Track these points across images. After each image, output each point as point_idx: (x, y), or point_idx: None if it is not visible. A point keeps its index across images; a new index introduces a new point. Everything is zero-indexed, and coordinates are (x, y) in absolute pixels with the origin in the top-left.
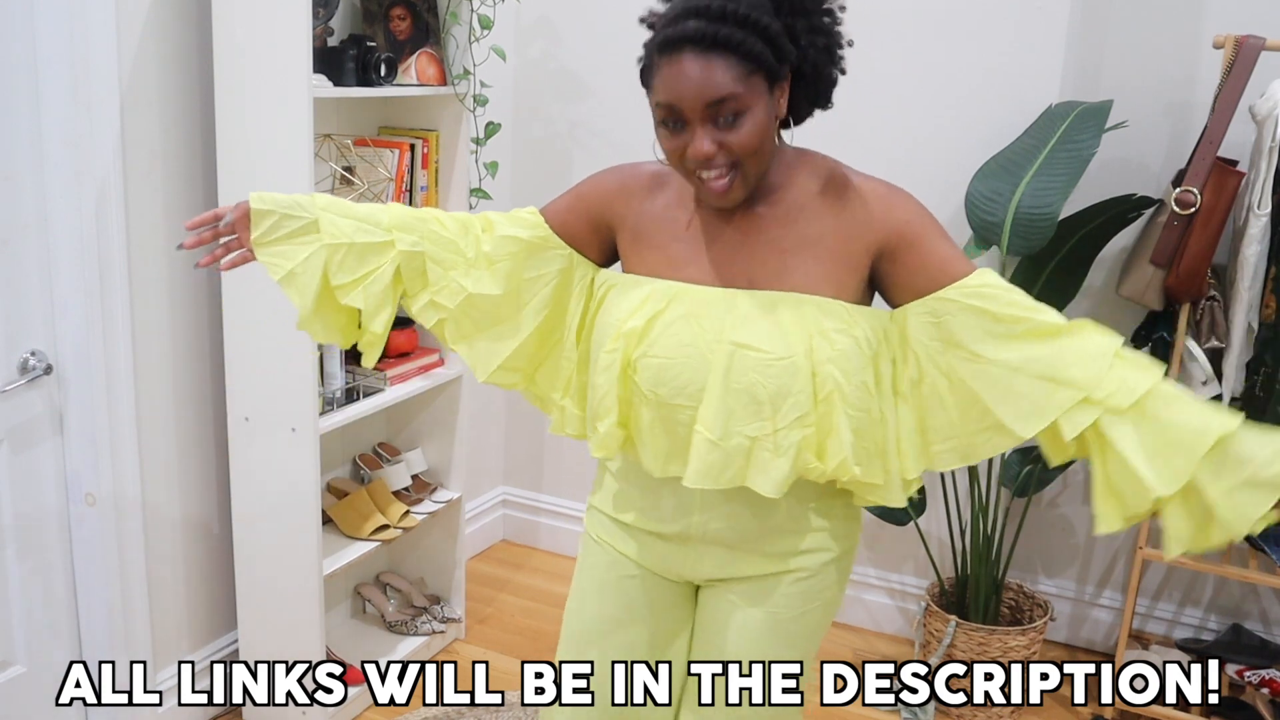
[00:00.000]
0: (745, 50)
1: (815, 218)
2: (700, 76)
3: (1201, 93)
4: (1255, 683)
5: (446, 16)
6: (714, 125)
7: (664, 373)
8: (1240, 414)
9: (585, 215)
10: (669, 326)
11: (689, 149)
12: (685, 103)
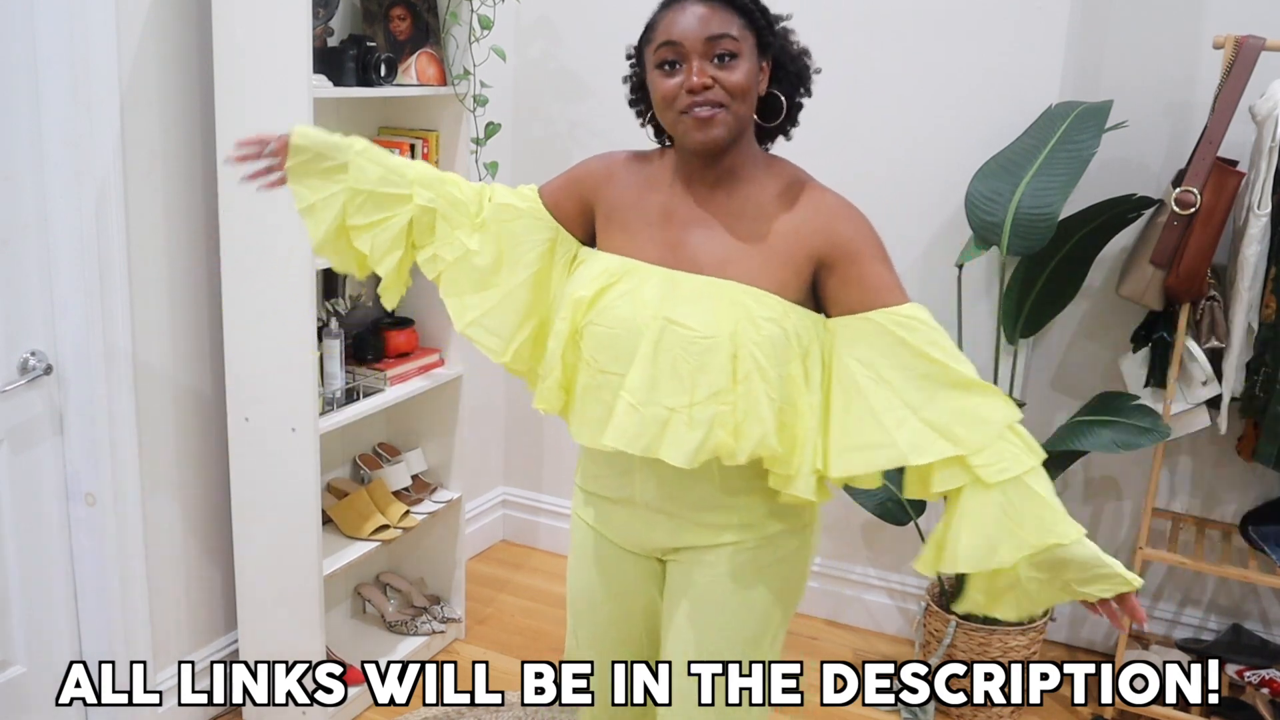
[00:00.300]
0: (742, 7)
1: (768, 217)
2: (705, 14)
3: (1201, 93)
4: (1255, 683)
5: (446, 17)
6: (710, 62)
7: (603, 341)
8: (1081, 529)
9: (575, 196)
10: (615, 300)
11: (687, 81)
12: (688, 36)
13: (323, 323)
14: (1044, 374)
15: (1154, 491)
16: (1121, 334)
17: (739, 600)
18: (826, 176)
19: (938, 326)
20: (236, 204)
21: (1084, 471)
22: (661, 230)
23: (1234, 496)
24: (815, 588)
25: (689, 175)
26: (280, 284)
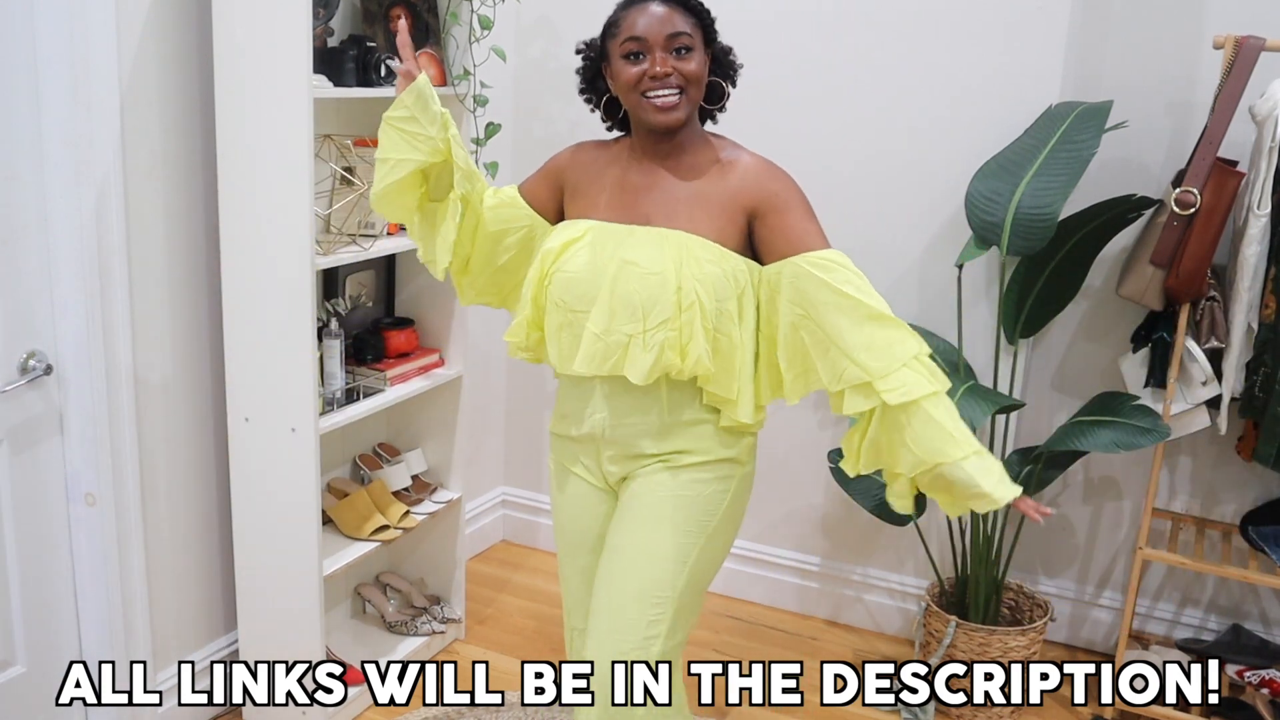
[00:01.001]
0: (694, 9)
1: (708, 180)
2: (665, 15)
3: (1201, 93)
4: (1255, 683)
5: (447, 17)
6: (669, 54)
7: (569, 284)
8: (970, 449)
9: (549, 184)
10: (579, 250)
11: (649, 70)
12: (651, 32)
13: (323, 323)
14: (1044, 374)
15: (1154, 492)
16: (1121, 334)
17: (674, 506)
18: (827, 174)
19: (856, 270)
20: (236, 204)
21: (1084, 472)
22: (618, 196)
23: (1234, 497)
24: (815, 588)
25: (643, 150)
26: (280, 284)
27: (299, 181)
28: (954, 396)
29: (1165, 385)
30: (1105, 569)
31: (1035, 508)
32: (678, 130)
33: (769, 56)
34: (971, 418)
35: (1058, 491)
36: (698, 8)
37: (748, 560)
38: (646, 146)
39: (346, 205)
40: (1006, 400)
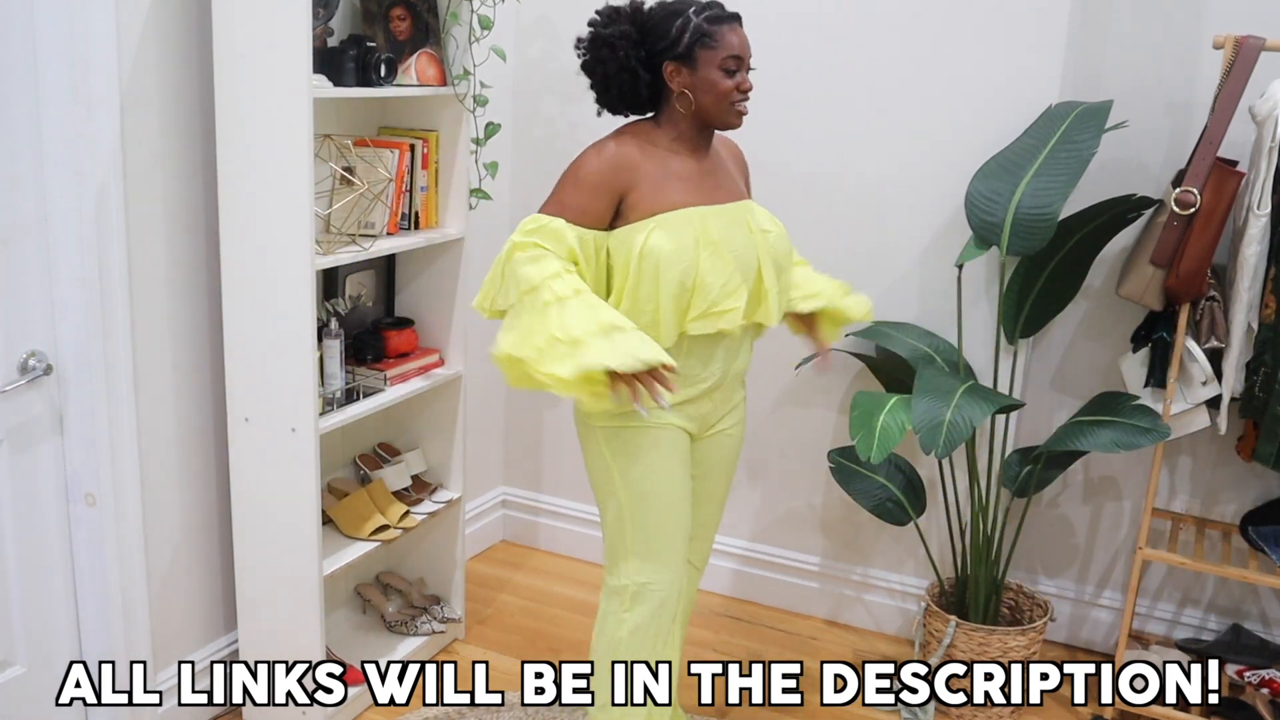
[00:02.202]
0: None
1: (727, 159)
2: (746, 40)
3: (1201, 93)
4: (1255, 683)
5: (446, 17)
6: (748, 73)
7: (740, 260)
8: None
9: (608, 197)
10: (722, 231)
11: (742, 84)
12: (746, 53)
13: (322, 323)
14: (1044, 374)
15: (1154, 491)
16: (1121, 334)
17: (743, 440)
18: (829, 176)
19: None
20: (236, 204)
21: (1084, 471)
22: (698, 187)
23: (1234, 496)
24: (815, 588)
25: (690, 144)
26: (280, 284)
27: (299, 181)
28: (954, 396)
29: (1165, 385)
30: (1105, 569)
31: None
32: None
33: (772, 58)
34: (971, 417)
35: (1058, 491)
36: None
37: (748, 560)
38: (692, 140)
39: (346, 205)
40: (1006, 400)
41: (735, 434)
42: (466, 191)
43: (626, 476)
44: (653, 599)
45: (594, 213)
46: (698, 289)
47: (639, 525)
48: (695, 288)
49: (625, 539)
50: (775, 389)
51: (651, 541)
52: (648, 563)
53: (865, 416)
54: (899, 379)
